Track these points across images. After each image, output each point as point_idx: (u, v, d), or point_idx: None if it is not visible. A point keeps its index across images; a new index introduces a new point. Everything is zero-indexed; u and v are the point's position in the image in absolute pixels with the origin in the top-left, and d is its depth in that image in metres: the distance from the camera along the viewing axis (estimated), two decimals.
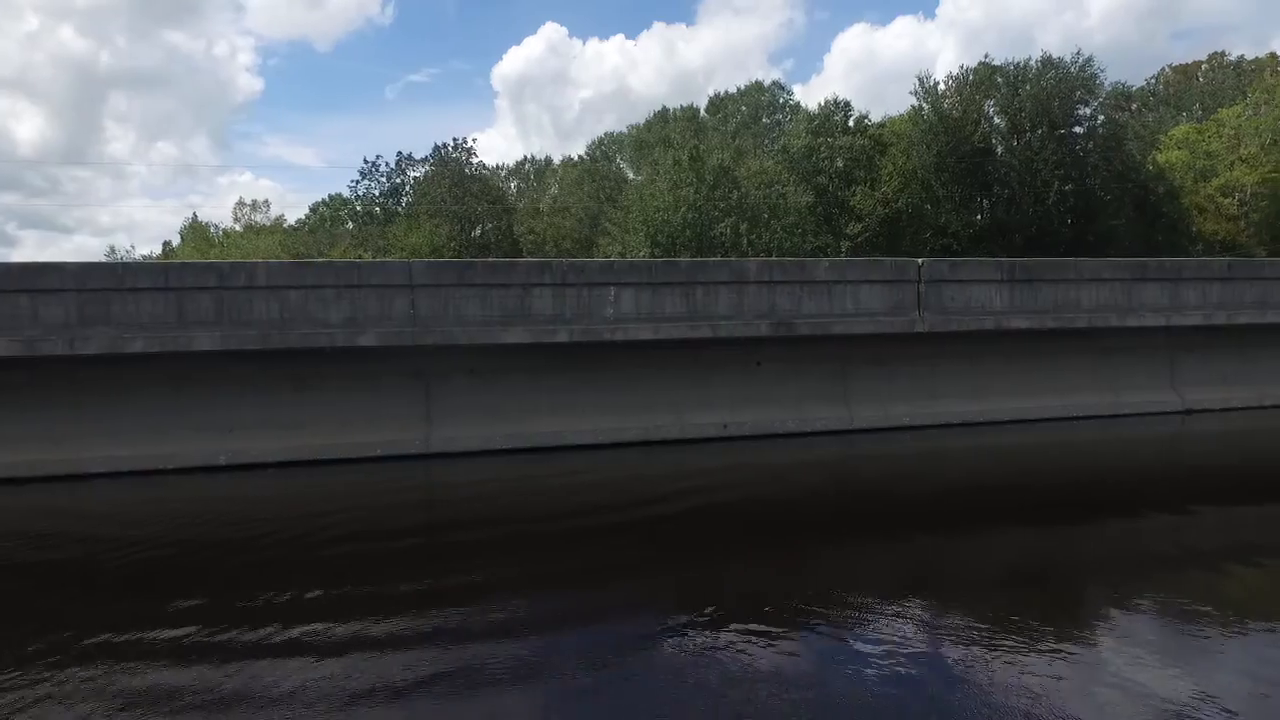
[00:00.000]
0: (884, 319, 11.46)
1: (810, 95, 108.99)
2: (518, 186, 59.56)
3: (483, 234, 48.14)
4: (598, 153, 54.35)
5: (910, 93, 37.83)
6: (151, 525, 7.18)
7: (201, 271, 9.63)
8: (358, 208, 49.56)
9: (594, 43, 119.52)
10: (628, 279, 10.63)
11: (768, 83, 49.69)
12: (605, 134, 56.37)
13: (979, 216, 35.41)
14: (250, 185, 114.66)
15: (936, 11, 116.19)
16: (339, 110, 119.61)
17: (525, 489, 8.91)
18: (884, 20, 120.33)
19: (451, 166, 45.41)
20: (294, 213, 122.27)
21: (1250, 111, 35.59)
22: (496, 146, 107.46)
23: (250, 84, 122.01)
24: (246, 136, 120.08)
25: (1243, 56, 51.17)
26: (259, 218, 63.16)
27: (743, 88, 49.66)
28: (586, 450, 10.42)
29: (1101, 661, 3.86)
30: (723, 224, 31.00)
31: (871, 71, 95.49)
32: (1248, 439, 11.61)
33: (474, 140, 52.56)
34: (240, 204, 64.65)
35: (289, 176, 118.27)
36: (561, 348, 10.54)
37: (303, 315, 9.61)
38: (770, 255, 29.21)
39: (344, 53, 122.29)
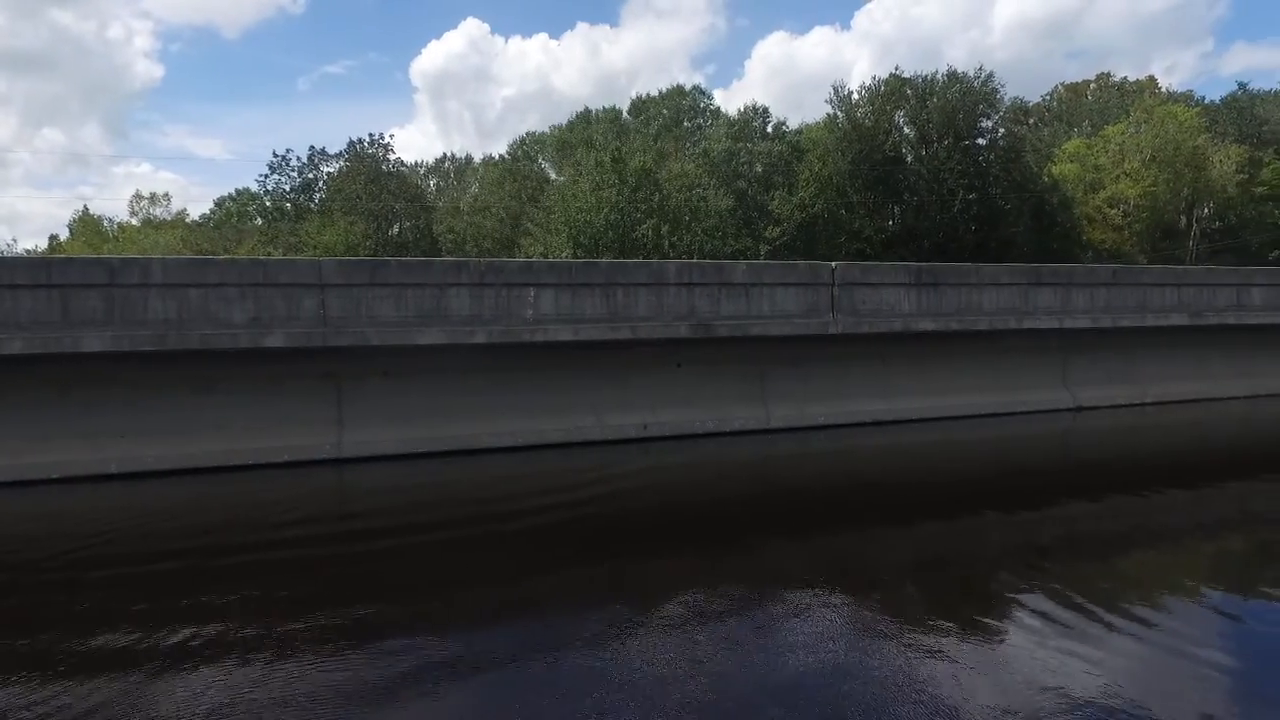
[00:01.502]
0: (799, 321, 11.75)
1: (732, 99, 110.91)
2: (437, 184, 58.34)
3: (400, 232, 46.89)
4: (520, 152, 53.76)
5: (826, 101, 38.94)
6: None
7: (89, 267, 9.03)
8: (267, 203, 47.47)
9: (516, 40, 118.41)
10: (547, 280, 10.55)
11: (689, 87, 50.26)
12: (528, 133, 55.84)
13: (890, 222, 36.76)
14: (149, 177, 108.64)
15: (852, 23, 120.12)
16: (247, 101, 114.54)
17: (414, 492, 8.71)
18: (802, 30, 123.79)
19: (367, 163, 44.07)
20: (198, 207, 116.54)
21: (1132, 129, 38.21)
22: (415, 143, 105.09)
23: (149, 70, 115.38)
24: (145, 125, 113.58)
25: (1125, 78, 55.02)
26: (158, 212, 59.80)
27: (664, 91, 50.07)
28: (506, 453, 10.29)
29: (1000, 641, 4.06)
30: (645, 225, 31.16)
31: (791, 78, 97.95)
32: (1132, 434, 12.42)
33: (392, 136, 51.33)
34: (138, 197, 61.07)
35: (192, 169, 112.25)
36: (480, 349, 10.37)
37: (203, 315, 9.14)
38: (692, 257, 29.56)
39: (253, 41, 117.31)
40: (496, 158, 54.89)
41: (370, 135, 45.28)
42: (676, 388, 11.67)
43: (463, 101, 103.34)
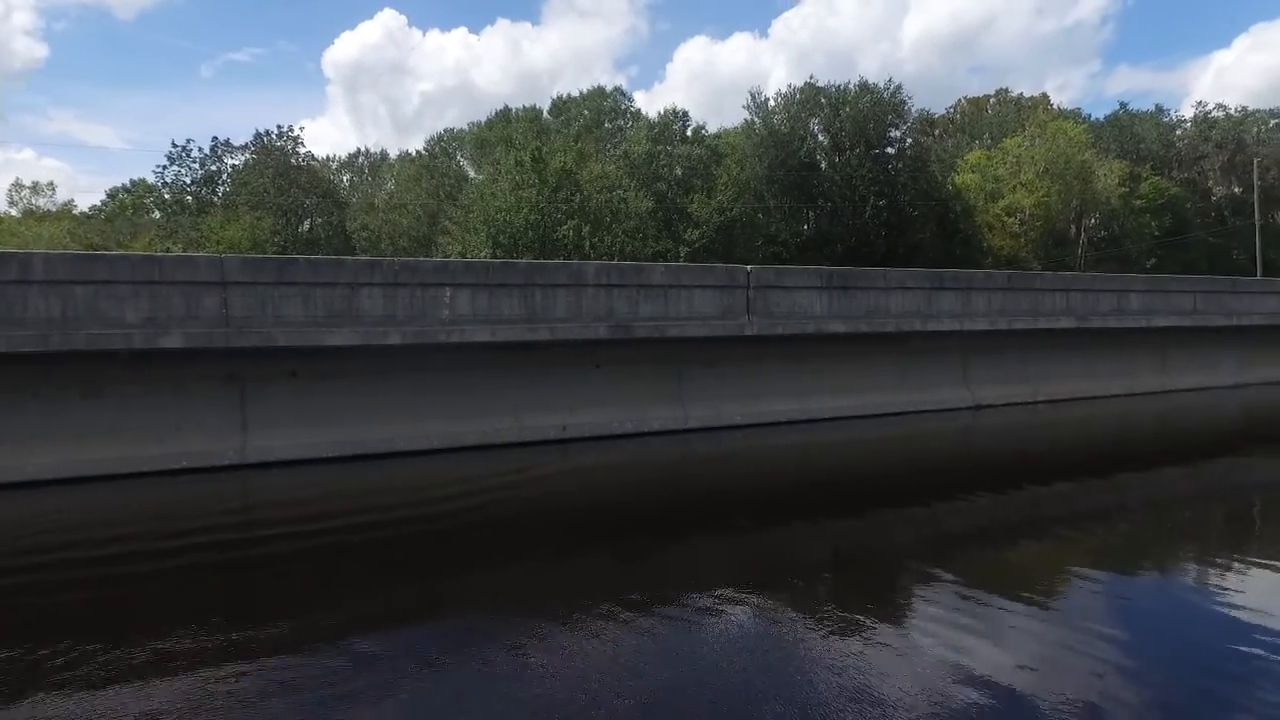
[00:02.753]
0: (716, 322, 11.98)
1: (654, 102, 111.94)
2: (351, 180, 56.61)
3: (311, 229, 45.25)
4: (438, 149, 52.69)
5: (744, 107, 39.76)
6: None
7: None
8: (166, 196, 44.93)
9: (435, 34, 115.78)
10: (464, 280, 10.41)
11: (610, 88, 50.43)
12: (446, 130, 54.75)
13: (806, 227, 37.84)
14: (32, 165, 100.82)
15: (770, 31, 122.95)
16: (144, 86, 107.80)
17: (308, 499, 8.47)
18: (723, 35, 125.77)
19: (276, 155, 42.31)
20: (88, 198, 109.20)
21: (1027, 143, 40.54)
22: (328, 136, 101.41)
23: (30, 49, 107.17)
24: (26, 109, 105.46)
25: (1022, 94, 58.37)
26: (42, 202, 55.76)
27: (586, 91, 50.05)
28: (421, 456, 10.10)
29: (911, 626, 4.28)
30: (566, 226, 31.08)
31: (712, 83, 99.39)
32: (1027, 431, 13.17)
33: (302, 129, 49.51)
34: (18, 185, 56.75)
35: (81, 157, 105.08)
36: (394, 350, 10.14)
37: (92, 314, 8.61)
38: (613, 258, 29.66)
39: (150, 23, 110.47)
40: (413, 154, 53.64)
41: (279, 127, 43.53)
42: (595, 388, 11.70)
43: (378, 95, 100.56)
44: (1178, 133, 49.50)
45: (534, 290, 10.77)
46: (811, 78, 40.20)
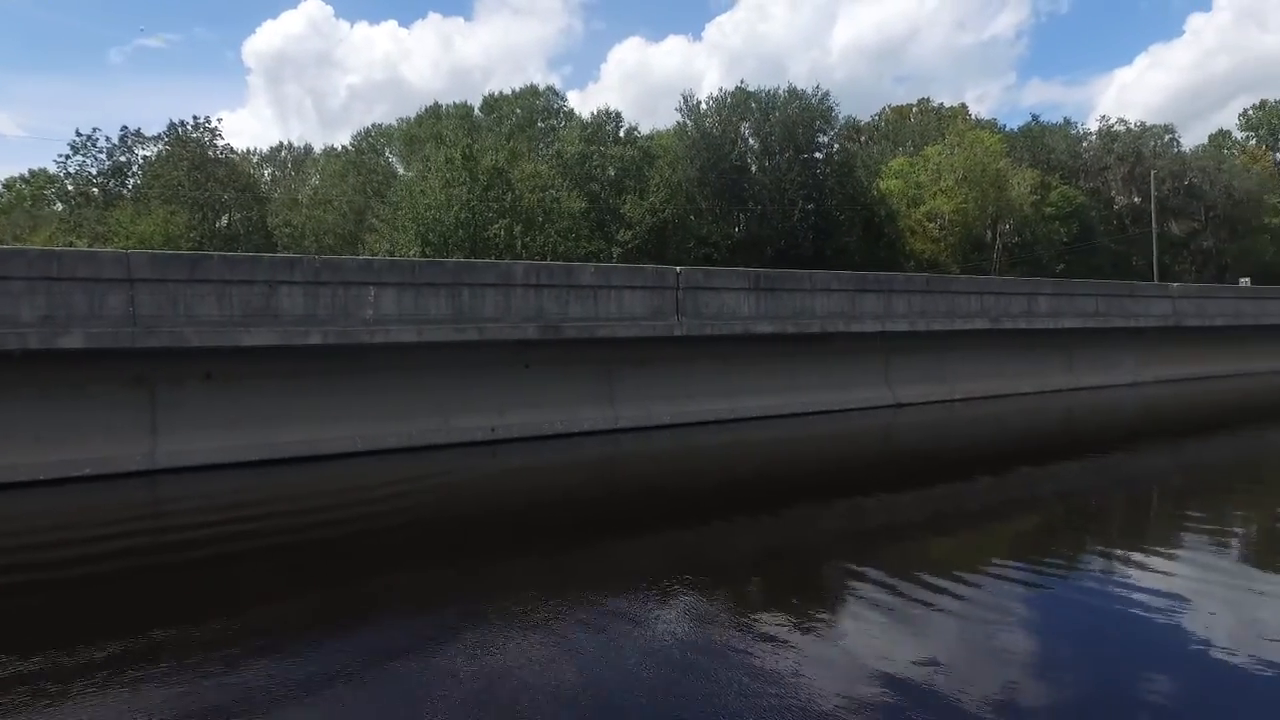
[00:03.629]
0: (646, 323, 12.06)
1: (588, 102, 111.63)
2: (273, 175, 54.61)
3: (230, 225, 43.44)
4: (365, 144, 51.29)
5: (676, 109, 40.07)
6: None
7: None
8: (69, 187, 42.41)
9: (363, 26, 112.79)
10: (389, 279, 10.20)
11: (543, 87, 50.06)
12: (374, 125, 53.33)
13: (736, 229, 38.37)
14: None
15: (703, 35, 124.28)
16: (44, 71, 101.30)
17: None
18: (657, 37, 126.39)
19: (191, 147, 40.45)
20: None
21: (947, 151, 42.13)
22: (249, 129, 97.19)
23: None
24: None
25: (943, 104, 60.68)
26: None
27: (518, 90, 49.57)
28: (344, 459, 9.84)
29: (833, 617, 4.41)
30: (497, 225, 30.72)
31: (646, 84, 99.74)
32: (944, 428, 13.68)
33: (220, 120, 47.44)
34: None
35: None
36: (315, 350, 9.86)
37: None
38: (545, 258, 29.47)
39: (52, 3, 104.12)
40: (340, 149, 52.11)
41: (195, 118, 41.50)
42: (525, 389, 11.63)
43: (303, 87, 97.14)
44: (1084, 145, 52.28)
45: (462, 290, 10.64)
46: (742, 82, 40.85)
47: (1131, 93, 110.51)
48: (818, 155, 39.63)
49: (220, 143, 42.19)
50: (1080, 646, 4.08)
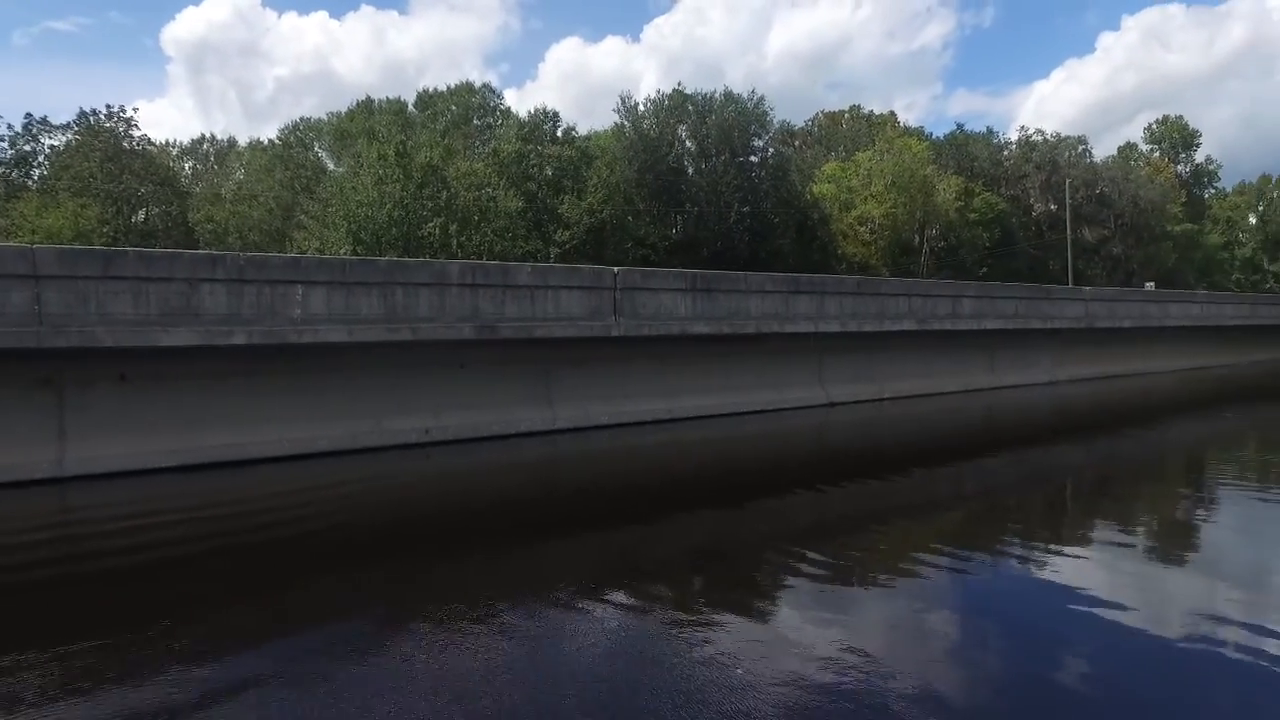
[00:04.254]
0: (583, 323, 12.03)
1: (526, 100, 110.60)
2: (194, 168, 52.40)
3: (148, 220, 41.49)
4: (293, 138, 49.61)
5: (614, 110, 40.12)
6: None
7: None
8: None
9: (291, 16, 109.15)
10: (318, 277, 9.91)
11: (479, 84, 49.41)
12: (302, 119, 51.61)
13: (673, 230, 38.63)
14: None
15: (641, 36, 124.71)
16: None
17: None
18: (595, 38, 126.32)
19: (104, 137, 38.46)
20: None
21: (877, 157, 43.35)
22: (169, 120, 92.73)
23: None
24: None
25: (873, 111, 62.44)
26: None
27: (453, 86, 48.78)
28: (270, 463, 9.51)
29: (765, 612, 4.49)
30: (432, 224, 30.16)
31: (584, 84, 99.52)
32: (874, 426, 14.06)
33: (136, 109, 45.02)
34: None
35: None
36: (240, 351, 9.50)
37: None
38: (481, 258, 29.08)
39: None
40: (266, 142, 50.32)
41: (109, 106, 39.61)
42: (461, 390, 11.46)
43: (227, 78, 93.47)
44: (1005, 154, 54.51)
45: (395, 289, 10.42)
46: (680, 84, 41.14)
47: (1049, 104, 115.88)
48: (753, 159, 40.26)
49: (137, 133, 40.32)
50: (1003, 625, 4.27)
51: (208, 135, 55.30)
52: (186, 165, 51.90)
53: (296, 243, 34.48)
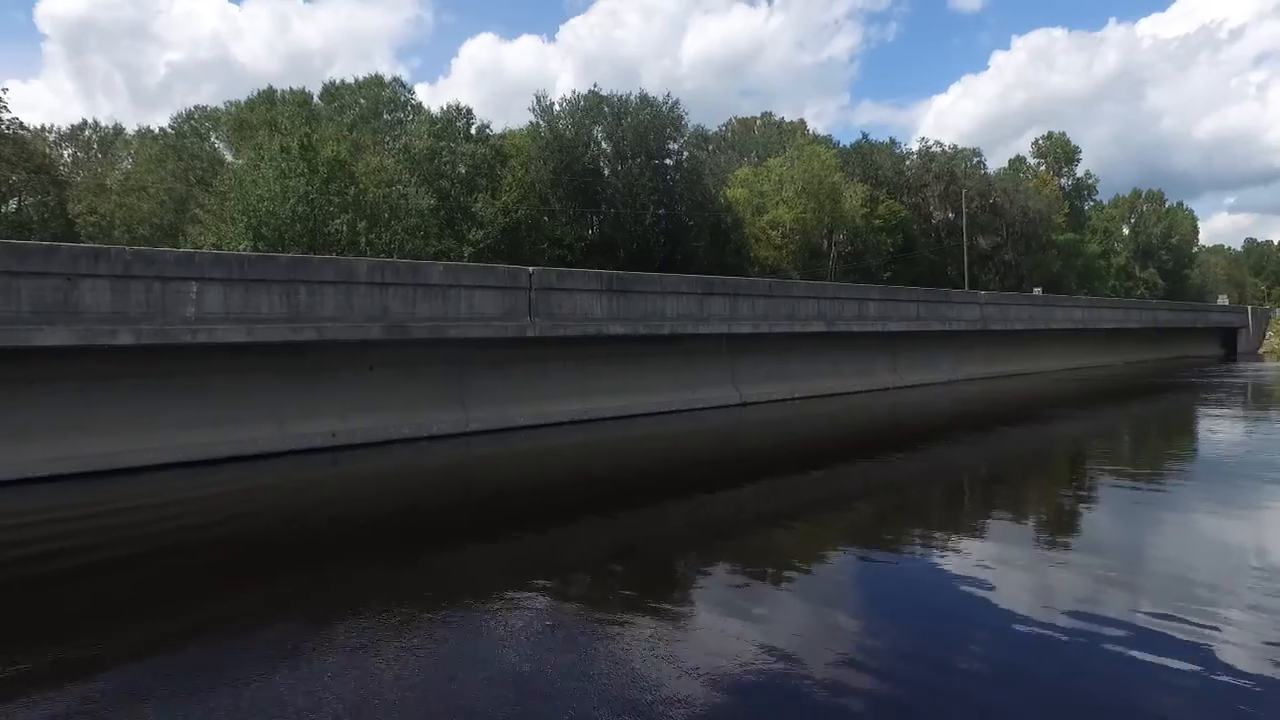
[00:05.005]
0: (498, 324, 11.85)
1: (438, 96, 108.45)
2: (75, 156, 48.81)
3: (21, 209, 38.39)
4: (187, 127, 46.83)
5: (529, 109, 39.75)
6: None
7: None
8: None
9: None
10: (214, 274, 9.39)
11: (390, 78, 48.00)
12: (198, 107, 48.75)
13: (590, 231, 38.55)
14: None
15: (558, 36, 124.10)
16: None
17: None
18: (510, 35, 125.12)
19: None
20: None
21: (788, 164, 44.54)
22: (44, 103, 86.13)
23: None
24: None
25: (784, 118, 64.16)
26: None
27: (362, 79, 47.16)
28: (162, 471, 8.95)
29: (684, 609, 4.51)
30: (339, 220, 29.06)
31: (499, 82, 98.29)
32: (787, 424, 14.40)
33: (6, 90, 41.55)
34: None
35: None
36: (126, 351, 8.91)
37: None
38: (392, 256, 28.25)
39: None
40: (157, 131, 47.33)
41: None
42: (370, 392, 11.10)
43: (113, 60, 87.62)
44: (907, 163, 56.95)
45: (298, 287, 9.99)
46: (595, 86, 41.15)
47: (947, 118, 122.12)
48: (668, 162, 40.62)
49: (7, 115, 37.16)
50: (901, 608, 4.45)
51: (90, 121, 51.65)
52: (66, 153, 48.29)
53: (191, 238, 32.56)
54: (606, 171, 39.19)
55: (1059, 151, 73.56)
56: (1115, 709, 3.36)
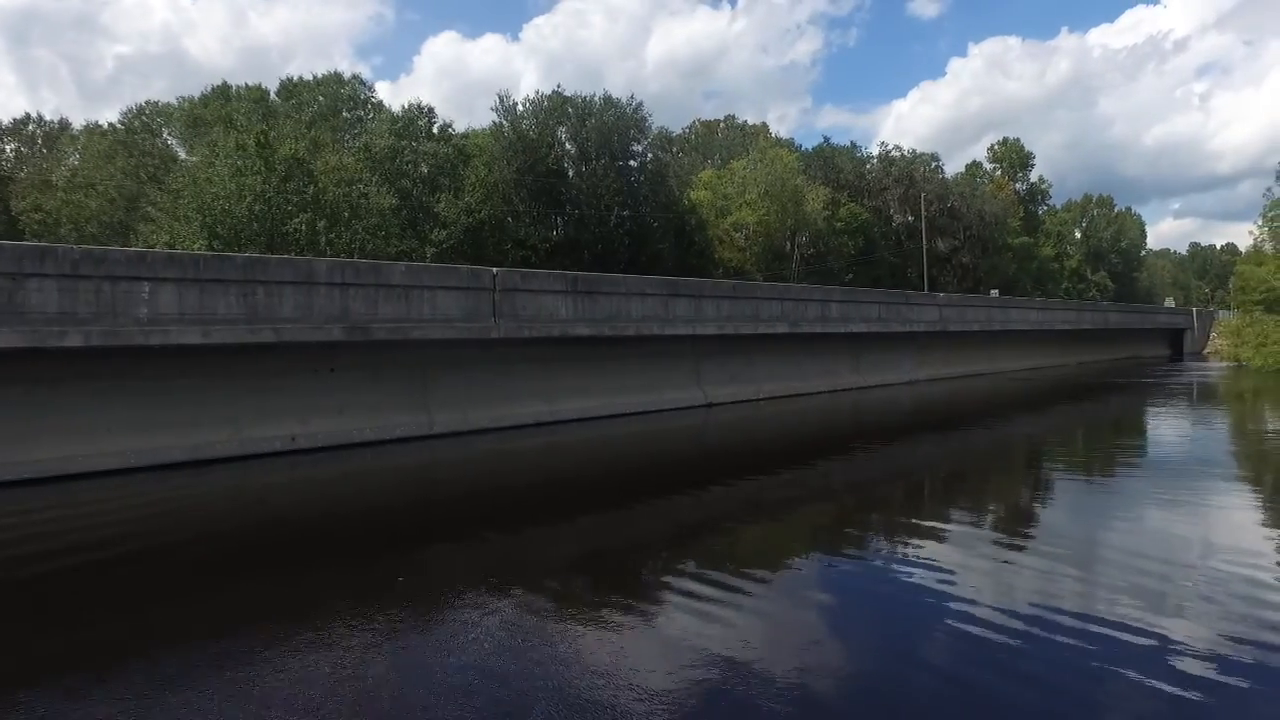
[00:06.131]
0: (462, 325, 11.73)
1: (400, 94, 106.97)
2: (18, 151, 47.15)
3: None
4: (138, 122, 45.51)
5: (492, 109, 39.43)
6: None
7: None
8: None
9: None
10: (167, 274, 9.14)
11: (349, 75, 47.21)
12: (148, 102, 47.40)
13: (555, 232, 38.38)
14: None
15: (521, 35, 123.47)
16: None
17: None
18: (473, 33, 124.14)
19: None
20: None
21: (751, 166, 44.89)
22: None
23: None
24: None
25: (747, 121, 64.70)
26: None
27: (321, 76, 46.35)
28: (111, 476, 8.68)
29: (653, 610, 4.50)
30: (297, 220, 28.50)
31: (462, 81, 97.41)
32: (751, 424, 14.49)
33: None
34: None
35: None
36: (76, 354, 8.62)
37: None
38: (353, 257, 27.80)
39: None
40: (106, 126, 45.93)
41: None
42: (331, 395, 10.91)
43: (58, 53, 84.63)
44: (867, 167, 57.81)
45: (256, 287, 9.77)
46: (559, 87, 40.99)
47: (907, 123, 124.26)
48: (633, 163, 40.65)
49: None
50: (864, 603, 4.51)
51: (34, 115, 49.93)
52: (8, 147, 46.62)
53: (143, 236, 31.64)
54: (571, 172, 39.07)
55: (1014, 157, 75.32)
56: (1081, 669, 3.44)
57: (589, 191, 37.50)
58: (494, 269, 12.57)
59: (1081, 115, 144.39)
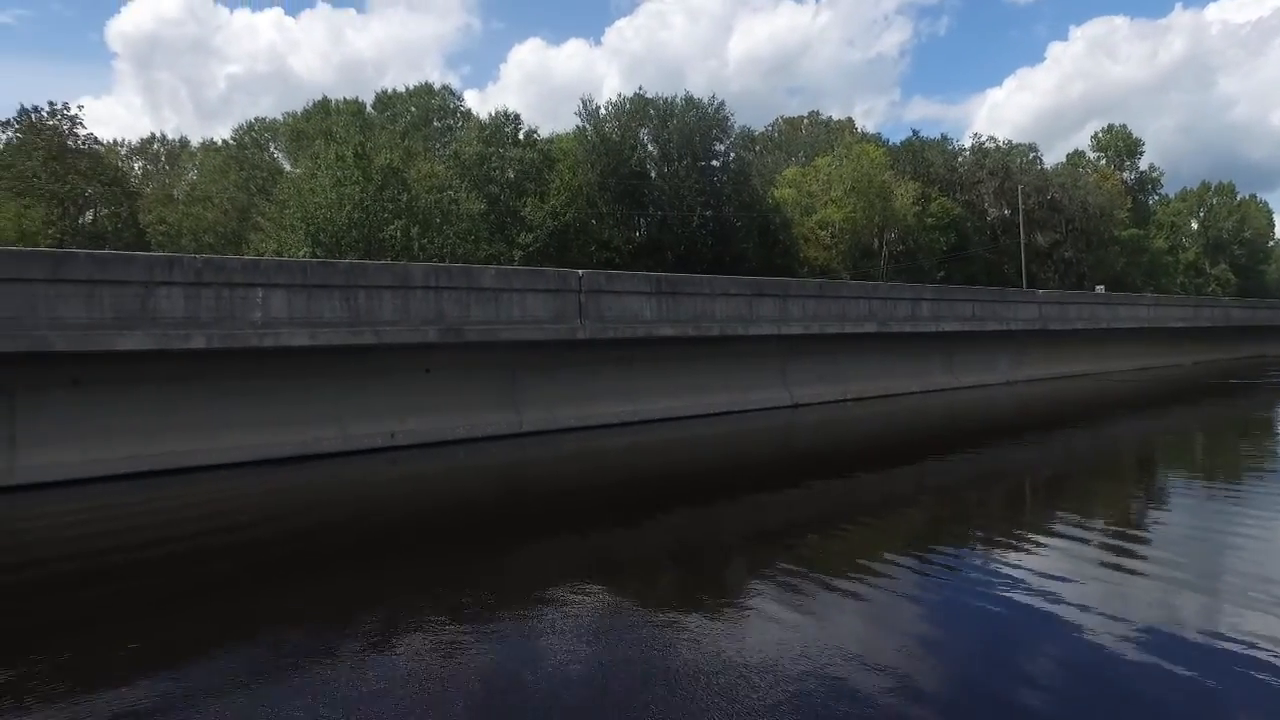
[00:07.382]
0: (549, 326, 12.01)
1: (488, 102, 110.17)
2: (144, 168, 50.97)
3: (96, 221, 40.23)
4: (248, 138, 48.56)
5: (575, 113, 40.09)
6: None
7: None
8: None
9: (244, 13, 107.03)
10: (278, 280, 9.74)
11: (439, 86, 49.01)
12: (257, 119, 50.52)
13: (638, 234, 38.71)
14: None
15: (603, 39, 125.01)
16: None
17: None
18: (557, 40, 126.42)
19: (47, 135, 37.19)
20: None
21: (836, 163, 44.03)
22: (116, 117, 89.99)
23: None
24: None
25: (832, 117, 63.47)
26: None
27: (412, 88, 48.29)
28: (229, 470, 9.32)
29: (749, 607, 4.54)
30: (393, 226, 29.77)
31: (547, 86, 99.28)
32: (840, 425, 14.24)
33: (81, 107, 43.57)
34: None
35: None
36: (198, 355, 9.30)
37: None
38: (444, 261, 28.81)
39: None
40: (220, 142, 49.18)
41: (51, 103, 38.18)
42: (426, 394, 11.36)
43: (178, 75, 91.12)
44: (959, 160, 55.73)
45: (357, 292, 10.29)
46: (641, 89, 41.35)
47: (1002, 112, 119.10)
48: (715, 163, 40.50)
49: (82, 132, 38.98)
50: (968, 619, 4.39)
51: (158, 134, 53.82)
52: (136, 165, 50.44)
53: (253, 245, 33.75)
54: (653, 174, 39.27)
55: (1120, 144, 71.12)
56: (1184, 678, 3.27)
57: (671, 192, 37.61)
58: (579, 271, 12.81)
59: (1198, 97, 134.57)
